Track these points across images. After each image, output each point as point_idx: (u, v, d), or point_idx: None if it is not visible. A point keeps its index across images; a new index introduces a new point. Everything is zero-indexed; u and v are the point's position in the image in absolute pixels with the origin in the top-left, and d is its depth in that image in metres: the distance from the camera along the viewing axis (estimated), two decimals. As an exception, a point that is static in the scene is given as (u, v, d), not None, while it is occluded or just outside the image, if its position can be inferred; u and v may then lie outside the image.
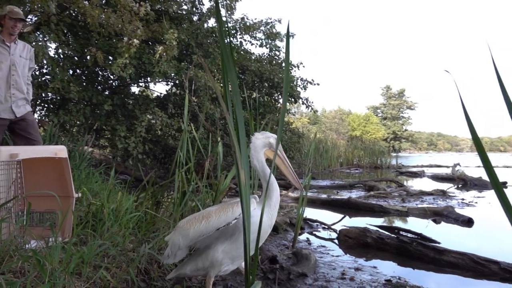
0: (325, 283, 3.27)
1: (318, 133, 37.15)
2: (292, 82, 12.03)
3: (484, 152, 1.45)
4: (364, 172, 19.89)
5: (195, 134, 4.37)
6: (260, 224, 2.02)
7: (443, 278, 3.79)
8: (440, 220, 6.66)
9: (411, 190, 10.12)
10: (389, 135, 69.16)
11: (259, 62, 11.79)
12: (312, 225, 5.83)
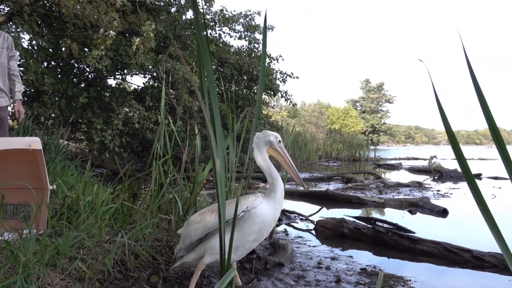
0: (301, 272, 3.31)
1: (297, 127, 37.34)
2: (271, 75, 12.03)
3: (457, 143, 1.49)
4: (342, 164, 20.10)
5: (173, 127, 4.35)
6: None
7: (417, 266, 3.88)
8: (416, 211, 6.79)
9: (388, 182, 10.28)
10: (368, 128, 69.94)
11: (238, 54, 11.76)
12: (290, 217, 5.88)
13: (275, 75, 12.48)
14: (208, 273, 3.02)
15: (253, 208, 2.65)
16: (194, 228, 2.63)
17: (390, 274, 3.40)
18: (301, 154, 19.75)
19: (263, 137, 2.84)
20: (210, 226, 2.61)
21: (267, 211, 2.69)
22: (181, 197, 3.80)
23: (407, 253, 4.20)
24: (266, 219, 2.69)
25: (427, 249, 4.13)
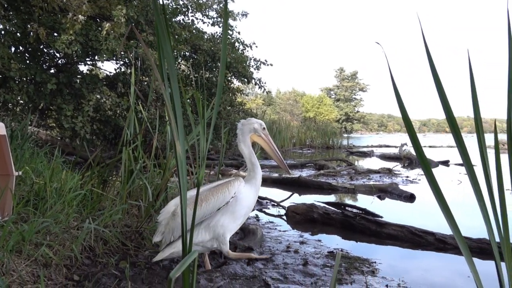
0: (270, 255, 3.36)
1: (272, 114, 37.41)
2: (244, 62, 11.98)
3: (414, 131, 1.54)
4: (316, 152, 20.29)
5: (143, 113, 4.32)
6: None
7: (383, 249, 3.99)
8: (385, 196, 6.95)
9: (359, 169, 10.45)
10: (342, 116, 70.66)
11: (211, 41, 11.66)
12: (262, 203, 5.94)
13: (249, 62, 12.45)
14: (178, 259, 3.04)
15: (239, 193, 2.80)
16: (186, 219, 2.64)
17: (356, 257, 3.49)
18: (275, 142, 19.81)
19: (247, 124, 2.99)
20: (203, 215, 2.71)
21: (250, 195, 2.89)
22: (151, 184, 3.80)
23: (374, 237, 4.31)
24: (250, 202, 2.90)
25: (393, 233, 4.25)
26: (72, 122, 8.46)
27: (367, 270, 3.18)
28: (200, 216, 2.71)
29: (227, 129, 4.84)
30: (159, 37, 1.41)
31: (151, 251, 3.08)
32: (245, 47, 12.60)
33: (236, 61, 11.51)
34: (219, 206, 2.73)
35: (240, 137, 3.01)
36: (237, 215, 2.82)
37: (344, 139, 26.75)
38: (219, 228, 2.76)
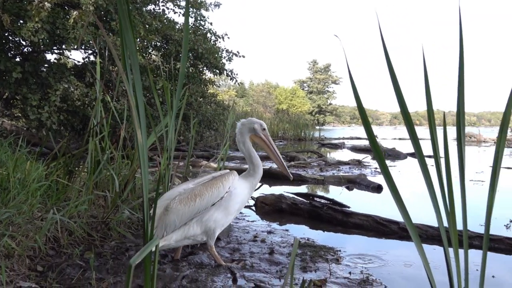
0: (237, 245, 3.41)
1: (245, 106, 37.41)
2: (216, 53, 11.93)
3: (369, 123, 1.60)
4: (288, 144, 20.45)
5: (111, 103, 4.27)
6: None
7: (349, 237, 4.09)
8: (353, 187, 7.08)
9: (329, 160, 10.61)
10: (315, 108, 71.27)
11: (183, 31, 11.55)
12: (232, 194, 5.96)
13: (221, 54, 12.41)
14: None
15: (234, 188, 2.82)
16: (179, 215, 2.67)
17: (322, 245, 3.57)
18: (247, 133, 19.88)
19: (247, 124, 2.97)
20: (197, 211, 2.71)
21: (245, 192, 2.90)
22: (119, 174, 3.78)
23: (341, 226, 4.41)
24: (244, 199, 2.91)
25: (358, 222, 4.35)
26: (38, 112, 8.28)
27: (332, 258, 3.26)
28: (195, 211, 2.71)
29: (196, 120, 4.83)
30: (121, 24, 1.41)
31: (118, 241, 3.08)
32: (217, 38, 12.55)
33: (208, 52, 11.45)
34: (213, 201, 2.75)
35: (239, 138, 2.99)
36: (230, 210, 2.83)
37: (316, 131, 27.00)
38: (211, 223, 2.77)
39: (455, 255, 1.61)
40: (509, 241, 3.70)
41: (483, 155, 15.57)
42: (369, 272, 3.00)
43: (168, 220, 2.67)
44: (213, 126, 12.81)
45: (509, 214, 4.97)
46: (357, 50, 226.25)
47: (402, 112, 1.59)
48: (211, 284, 2.46)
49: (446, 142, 1.59)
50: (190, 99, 11.51)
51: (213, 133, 13.88)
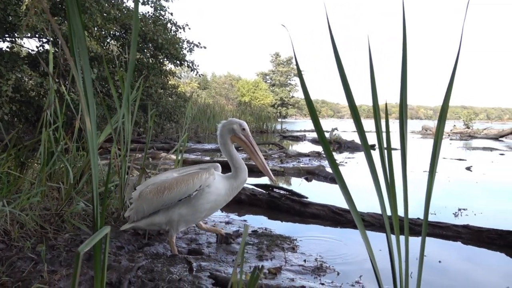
0: (195, 235, 3.43)
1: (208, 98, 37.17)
2: (176, 44, 11.80)
3: (316, 115, 1.65)
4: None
5: (65, 93, 4.17)
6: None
7: (305, 227, 4.18)
8: (312, 178, 7.22)
9: (290, 152, 10.73)
10: (277, 101, 71.66)
11: (142, 21, 11.35)
12: (191, 185, 5.96)
13: (182, 44, 12.28)
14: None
15: (206, 186, 2.76)
16: (147, 203, 2.77)
17: (279, 235, 3.64)
18: (209, 126, 19.84)
19: (227, 126, 2.90)
20: (163, 204, 2.76)
21: (220, 192, 2.84)
22: (74, 166, 3.71)
23: (298, 216, 4.50)
24: (218, 198, 2.84)
25: (315, 212, 4.45)
26: (-14, 102, 7.96)
27: (288, 247, 3.33)
28: (161, 203, 2.76)
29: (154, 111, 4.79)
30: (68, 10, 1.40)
31: (72, 234, 3.03)
32: (178, 29, 12.41)
33: (168, 42, 11.30)
34: (180, 197, 2.74)
35: (220, 140, 2.93)
36: (199, 208, 2.79)
37: (278, 124, 27.23)
38: (175, 216, 2.80)
39: (397, 241, 1.69)
40: (456, 228, 3.89)
41: (437, 147, 16.10)
42: (323, 260, 3.09)
43: (138, 206, 2.82)
44: (174, 118, 12.69)
45: (458, 203, 5.21)
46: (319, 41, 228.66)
47: (349, 104, 1.65)
48: (167, 274, 2.47)
49: (388, 134, 1.66)
50: (150, 91, 11.36)
51: (173, 125, 13.76)
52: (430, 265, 3.14)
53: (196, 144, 13.05)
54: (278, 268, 2.74)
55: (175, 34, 12.25)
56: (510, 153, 13.43)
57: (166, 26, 11.98)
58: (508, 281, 2.90)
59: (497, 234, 3.72)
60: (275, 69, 76.29)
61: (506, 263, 3.33)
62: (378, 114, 1.68)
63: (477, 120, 33.03)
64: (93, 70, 8.47)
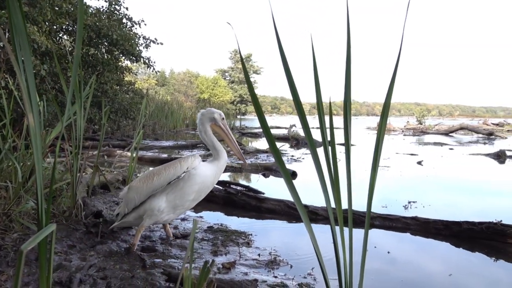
0: (149, 232, 3.41)
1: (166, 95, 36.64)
2: (132, 40, 11.58)
3: (262, 113, 1.69)
4: (209, 133, 20.40)
5: (13, 88, 4.04)
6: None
7: (261, 222, 4.23)
8: (269, 174, 7.30)
9: (248, 149, 10.79)
10: (236, 98, 71.62)
11: (96, 16, 11.07)
12: (148, 183, 5.90)
13: (138, 40, 12.06)
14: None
15: (193, 169, 2.88)
16: (138, 192, 2.84)
17: (234, 230, 3.68)
18: (167, 123, 19.60)
19: (207, 114, 3.08)
20: (154, 189, 2.82)
21: (207, 173, 2.96)
22: (23, 164, 3.60)
23: (254, 212, 4.55)
24: (205, 180, 2.95)
25: (271, 207, 4.52)
26: None
27: (243, 241, 3.37)
28: (152, 188, 2.82)
29: (108, 107, 4.69)
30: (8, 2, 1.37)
31: (21, 233, 2.95)
32: (134, 24, 12.18)
33: (123, 38, 11.08)
34: (170, 179, 2.83)
35: (201, 127, 3.09)
36: (187, 190, 2.88)
37: (238, 121, 27.24)
38: (163, 202, 2.88)
39: (341, 232, 1.76)
40: (405, 220, 4.05)
41: (391, 142, 16.64)
42: (277, 254, 3.15)
43: (129, 197, 2.88)
44: (130, 115, 12.47)
45: (409, 196, 5.42)
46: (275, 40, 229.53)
47: (294, 100, 1.70)
48: (119, 272, 2.46)
49: (332, 130, 1.72)
50: (105, 87, 11.11)
51: (130, 122, 13.52)
52: (379, 256, 3.26)
53: (154, 142, 12.88)
54: (232, 263, 2.78)
55: (130, 29, 12.02)
56: (458, 147, 14.04)
57: (121, 21, 11.74)
58: (452, 269, 3.05)
59: (443, 225, 3.90)
60: (234, 66, 76.21)
61: (450, 252, 3.50)
62: (322, 111, 1.74)
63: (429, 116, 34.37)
64: (44, 66, 8.18)
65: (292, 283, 2.56)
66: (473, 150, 12.98)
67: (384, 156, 10.41)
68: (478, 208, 5.10)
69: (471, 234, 3.73)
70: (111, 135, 13.01)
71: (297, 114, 1.67)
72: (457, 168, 8.94)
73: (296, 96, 1.65)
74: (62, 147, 5.44)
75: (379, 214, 4.17)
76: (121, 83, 12.46)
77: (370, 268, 2.95)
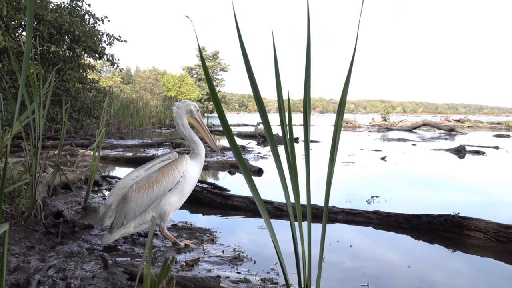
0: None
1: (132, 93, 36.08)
2: (95, 37, 11.33)
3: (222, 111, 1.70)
4: (175, 131, 20.27)
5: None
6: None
7: (226, 219, 4.23)
8: (235, 171, 7.31)
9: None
10: (204, 96, 71.18)
11: (57, 12, 10.76)
12: (112, 182, 5.81)
13: (101, 37, 11.82)
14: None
15: (187, 172, 2.97)
16: (138, 203, 2.79)
17: (199, 228, 3.68)
18: (133, 121, 19.30)
19: (183, 107, 3.10)
20: (155, 198, 2.84)
21: (196, 173, 3.08)
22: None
23: (220, 209, 4.56)
24: (195, 179, 3.08)
25: (236, 204, 4.54)
26: None
27: (207, 238, 3.37)
28: (153, 198, 2.83)
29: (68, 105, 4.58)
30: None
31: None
32: (96, 21, 11.92)
33: (85, 35, 10.82)
34: (170, 187, 2.88)
35: (178, 120, 3.10)
36: (184, 192, 2.99)
37: (205, 119, 27.13)
38: (167, 206, 2.91)
39: (299, 226, 1.79)
40: (367, 214, 4.14)
41: (357, 139, 16.95)
42: (241, 250, 3.17)
43: (127, 208, 2.79)
44: (93, 114, 12.21)
45: (372, 191, 5.54)
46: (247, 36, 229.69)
47: (255, 96, 1.71)
48: (80, 272, 2.42)
49: (291, 126, 1.74)
50: (67, 85, 10.84)
51: (94, 121, 13.25)
52: (341, 249, 3.33)
53: (119, 140, 12.68)
54: (196, 260, 2.78)
55: (93, 26, 11.76)
56: (421, 143, 14.44)
57: (83, 17, 11.47)
58: (411, 261, 3.15)
59: (403, 218, 4.01)
60: (201, 64, 75.67)
61: (410, 245, 3.61)
62: (283, 107, 1.76)
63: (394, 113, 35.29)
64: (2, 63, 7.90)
65: (255, 278, 2.58)
66: (435, 145, 13.38)
67: (349, 152, 10.60)
68: (438, 202, 5.26)
69: (430, 226, 3.85)
70: (74, 134, 12.71)
71: (258, 110, 1.69)
72: (419, 164, 9.19)
73: (256, 92, 1.67)
74: (21, 147, 5.29)
75: (343, 209, 4.25)
76: (84, 81, 12.19)
77: (332, 261, 3.02)
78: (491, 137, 18.25)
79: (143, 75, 65.82)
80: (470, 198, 5.58)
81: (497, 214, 4.29)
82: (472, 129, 26.49)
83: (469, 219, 3.73)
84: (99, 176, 5.56)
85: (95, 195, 4.94)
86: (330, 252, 3.21)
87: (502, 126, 27.40)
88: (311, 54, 1.68)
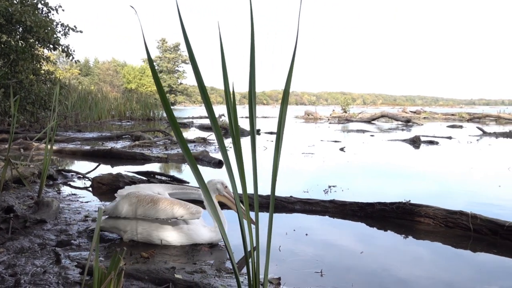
0: (65, 226, 3.30)
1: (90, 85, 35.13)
2: (49, 27, 10.93)
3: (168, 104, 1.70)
4: (136, 124, 19.96)
5: None
6: None
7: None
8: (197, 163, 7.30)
9: (175, 139, 10.69)
10: (165, 88, 70.26)
11: (7, 0, 10.31)
12: (67, 176, 5.69)
13: (55, 27, 11.42)
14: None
15: (186, 221, 3.14)
16: (128, 209, 2.91)
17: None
18: (91, 114, 18.82)
19: (210, 186, 3.10)
20: (143, 215, 2.91)
21: (206, 233, 3.15)
22: None
23: (179, 201, 4.54)
24: (185, 232, 3.13)
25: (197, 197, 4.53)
26: None
27: (164, 231, 3.36)
28: (142, 215, 2.89)
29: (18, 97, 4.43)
30: None
31: None
32: (50, 10, 11.49)
33: (37, 25, 10.39)
34: (159, 216, 2.91)
35: (206, 201, 3.07)
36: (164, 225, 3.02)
37: (166, 111, 26.78)
38: (152, 227, 3.01)
39: (247, 216, 1.83)
40: (324, 203, 4.24)
41: (317, 130, 17.22)
42: (199, 241, 3.18)
43: (121, 204, 2.94)
44: (49, 106, 11.82)
45: (329, 181, 5.67)
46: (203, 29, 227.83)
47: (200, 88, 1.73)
48: (31, 267, 2.38)
49: (236, 119, 1.77)
50: (20, 77, 10.46)
51: (49, 114, 12.84)
52: (297, 238, 3.40)
53: (76, 133, 12.37)
54: (151, 252, 2.78)
55: (47, 15, 11.34)
56: (379, 134, 14.84)
57: (36, 6, 11.03)
58: (364, 247, 3.26)
59: (358, 207, 4.14)
60: (162, 56, 74.49)
61: (364, 231, 3.73)
62: (230, 101, 1.78)
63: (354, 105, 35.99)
64: None
65: (210, 268, 2.61)
66: (392, 136, 13.78)
67: (309, 143, 10.77)
68: (393, 191, 5.45)
69: (383, 214, 3.99)
70: (29, 128, 12.29)
71: (203, 101, 1.71)
72: (376, 154, 9.45)
73: (200, 82, 1.68)
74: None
75: (300, 199, 4.33)
76: (38, 72, 11.76)
77: (287, 249, 3.08)
78: (445, 127, 18.95)
79: (102, 67, 64.27)
80: (423, 186, 5.80)
81: (447, 201, 4.48)
82: (428, 120, 27.44)
83: (419, 206, 3.88)
84: (54, 170, 5.43)
85: (50, 189, 4.83)
86: (286, 241, 3.28)
87: (455, 117, 28.52)
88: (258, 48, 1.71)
